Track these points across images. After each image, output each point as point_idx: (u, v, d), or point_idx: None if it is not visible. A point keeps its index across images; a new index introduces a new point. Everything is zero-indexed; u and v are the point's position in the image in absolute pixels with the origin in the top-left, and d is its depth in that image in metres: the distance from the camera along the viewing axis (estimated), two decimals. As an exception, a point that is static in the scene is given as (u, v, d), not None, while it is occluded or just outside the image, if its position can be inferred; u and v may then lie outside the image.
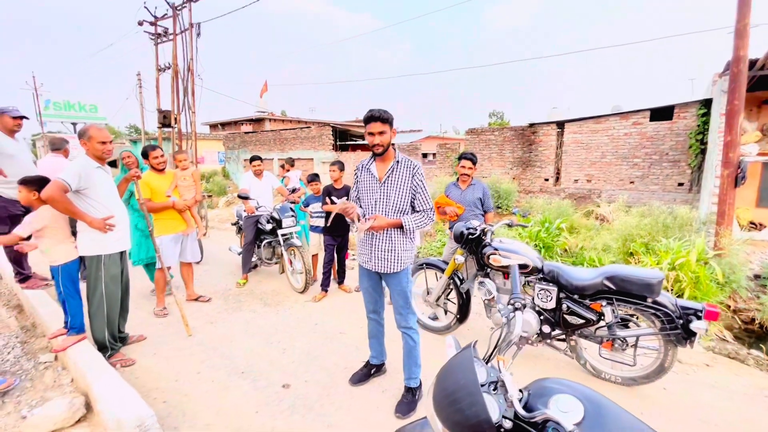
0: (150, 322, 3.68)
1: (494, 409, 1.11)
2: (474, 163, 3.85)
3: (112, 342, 2.94)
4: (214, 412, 2.40)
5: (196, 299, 4.19)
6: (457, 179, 4.02)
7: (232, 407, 2.45)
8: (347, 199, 4.22)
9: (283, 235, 4.63)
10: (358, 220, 2.33)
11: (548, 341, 2.87)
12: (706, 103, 8.10)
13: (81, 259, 2.87)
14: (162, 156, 3.78)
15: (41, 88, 31.08)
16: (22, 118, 3.83)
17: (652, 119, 8.97)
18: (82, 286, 2.86)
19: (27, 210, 3.92)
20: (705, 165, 7.57)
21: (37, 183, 2.79)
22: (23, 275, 3.97)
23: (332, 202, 4.26)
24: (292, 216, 4.67)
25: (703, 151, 8.11)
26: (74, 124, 34.18)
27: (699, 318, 2.36)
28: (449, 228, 3.95)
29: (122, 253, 2.99)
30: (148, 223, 3.30)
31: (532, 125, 11.01)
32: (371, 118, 2.21)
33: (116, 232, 2.85)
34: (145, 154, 3.79)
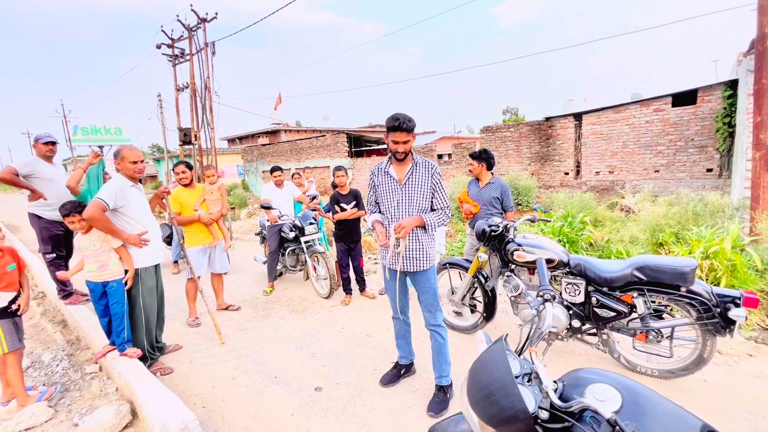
0: (184, 332, 3.82)
1: (530, 400, 1.12)
2: (476, 159, 3.72)
3: (151, 352, 3.07)
4: (251, 415, 2.47)
5: (226, 308, 4.32)
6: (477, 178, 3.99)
7: (268, 411, 2.51)
8: (355, 205, 4.30)
9: (306, 242, 4.72)
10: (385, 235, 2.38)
11: (579, 336, 2.82)
12: (732, 85, 7.79)
13: None
14: (183, 172, 3.93)
15: (70, 114, 32.71)
16: (52, 143, 4.05)
17: (674, 105, 8.69)
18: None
19: (67, 230, 4.16)
20: (734, 148, 7.27)
21: (76, 208, 2.83)
22: (66, 292, 4.18)
23: (341, 209, 4.32)
24: (313, 223, 4.76)
25: (732, 135, 7.80)
26: (101, 147, 35.82)
27: (737, 305, 2.28)
28: (469, 225, 3.94)
29: (156, 266, 3.13)
30: (179, 235, 3.44)
31: (548, 119, 10.84)
32: (398, 128, 2.22)
33: (150, 246, 2.99)
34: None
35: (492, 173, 3.82)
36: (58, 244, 4.06)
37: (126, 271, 2.87)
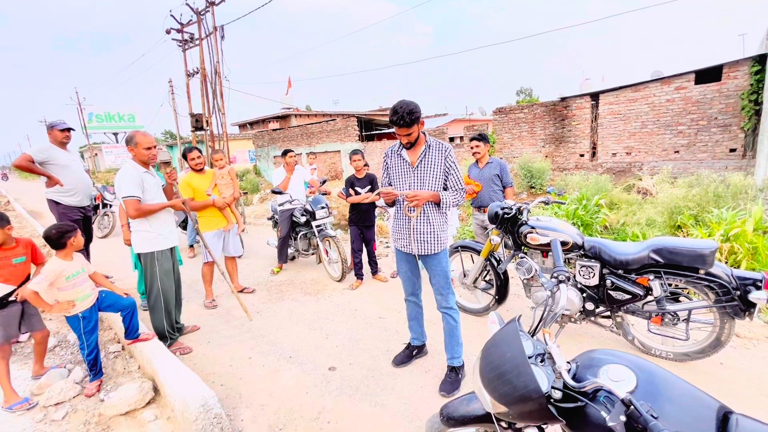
0: (201, 313, 3.92)
1: (543, 380, 1.12)
2: (480, 140, 4.02)
3: (170, 332, 3.17)
4: (267, 393, 2.55)
5: (241, 291, 4.41)
6: (477, 160, 4.13)
7: (284, 389, 2.59)
8: (370, 189, 4.28)
9: (317, 226, 4.75)
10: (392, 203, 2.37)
11: (592, 319, 2.80)
12: (760, 60, 7.41)
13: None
14: (199, 157, 3.96)
15: (84, 102, 33.11)
16: (69, 129, 4.12)
17: (697, 82, 8.33)
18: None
19: (85, 215, 4.27)
20: (760, 127, 6.97)
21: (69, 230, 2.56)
22: (87, 275, 4.32)
23: (356, 193, 4.31)
24: (324, 207, 4.77)
25: (758, 113, 7.46)
26: (115, 134, 36.34)
27: (758, 288, 2.22)
28: (472, 205, 4.16)
29: (172, 249, 3.19)
30: (193, 220, 3.50)
31: (563, 99, 10.53)
32: (395, 123, 2.19)
33: (165, 229, 3.04)
34: (185, 156, 4.00)
35: (489, 154, 4.12)
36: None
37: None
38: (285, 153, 5.01)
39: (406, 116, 2.16)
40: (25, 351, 3.22)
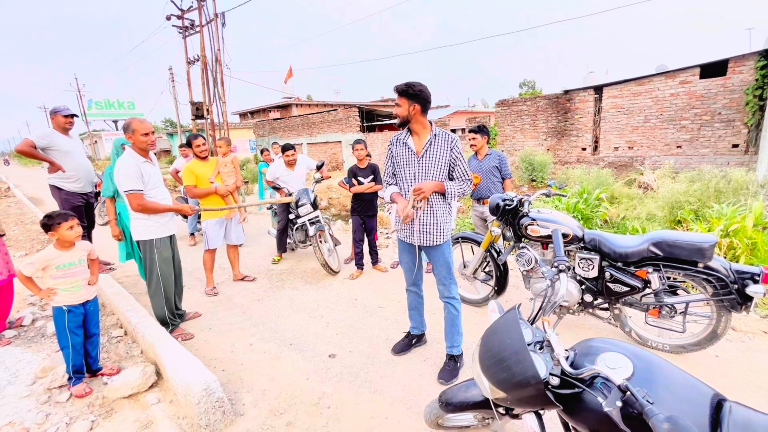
0: (203, 300, 3.95)
1: (541, 366, 1.14)
2: (477, 133, 4.01)
3: (171, 318, 3.20)
4: (268, 379, 2.59)
5: (242, 279, 4.44)
6: (475, 152, 4.12)
7: (284, 375, 2.63)
8: (373, 179, 4.27)
9: (309, 220, 4.62)
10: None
11: (590, 310, 2.83)
12: (767, 55, 7.35)
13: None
14: (204, 144, 3.96)
15: (84, 89, 32.89)
16: (73, 116, 4.10)
17: (702, 76, 8.28)
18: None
19: (87, 201, 4.28)
20: (764, 123, 6.94)
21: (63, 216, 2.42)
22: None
23: (359, 183, 4.30)
24: (307, 203, 4.50)
25: (762, 108, 7.43)
26: (115, 122, 36.16)
27: (756, 282, 2.24)
28: (472, 197, 4.16)
29: (171, 237, 3.19)
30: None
31: (567, 92, 10.47)
32: (395, 88, 2.29)
33: (163, 217, 3.05)
34: (188, 143, 3.99)
35: (488, 146, 4.12)
36: (79, 215, 4.18)
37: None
38: (284, 149, 4.83)
39: (402, 84, 2.26)
40: (29, 335, 3.26)
